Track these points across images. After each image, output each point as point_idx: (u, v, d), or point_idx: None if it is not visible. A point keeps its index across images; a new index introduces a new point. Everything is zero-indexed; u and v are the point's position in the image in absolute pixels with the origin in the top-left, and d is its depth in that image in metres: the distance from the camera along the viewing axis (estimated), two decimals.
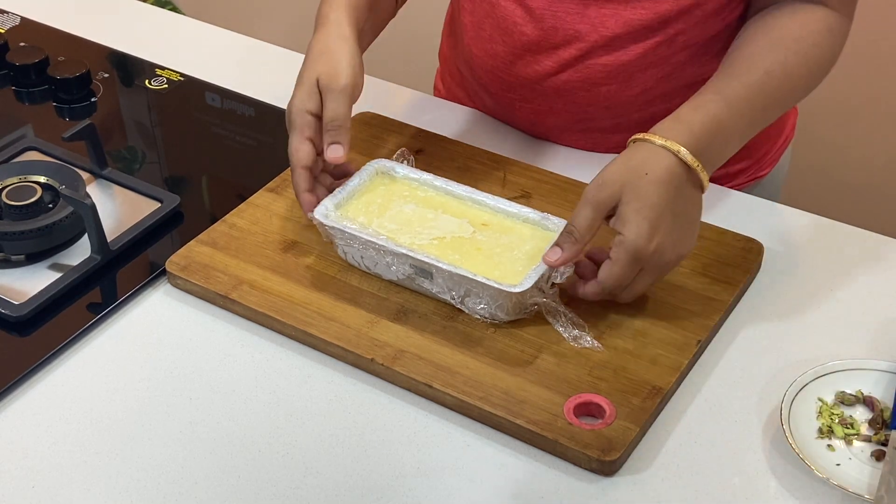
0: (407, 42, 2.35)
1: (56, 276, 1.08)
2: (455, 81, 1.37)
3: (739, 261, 1.08)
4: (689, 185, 1.00)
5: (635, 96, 1.19)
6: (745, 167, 1.30)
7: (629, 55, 1.16)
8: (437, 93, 1.43)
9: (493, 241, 1.05)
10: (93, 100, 1.36)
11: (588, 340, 0.99)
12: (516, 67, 1.21)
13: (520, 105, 1.24)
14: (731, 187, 1.28)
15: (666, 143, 0.99)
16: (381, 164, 1.12)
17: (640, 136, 1.00)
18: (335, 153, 1.06)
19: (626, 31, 1.15)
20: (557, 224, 1.05)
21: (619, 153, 1.02)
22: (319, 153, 1.08)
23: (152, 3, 1.98)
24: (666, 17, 1.14)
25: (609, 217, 0.99)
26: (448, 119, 1.32)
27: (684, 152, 0.98)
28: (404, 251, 1.01)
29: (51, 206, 1.14)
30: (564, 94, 1.20)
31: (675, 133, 1.00)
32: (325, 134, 1.06)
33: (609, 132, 1.23)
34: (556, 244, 0.99)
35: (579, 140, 1.25)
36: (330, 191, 1.09)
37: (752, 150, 1.28)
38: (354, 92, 1.08)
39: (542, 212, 1.07)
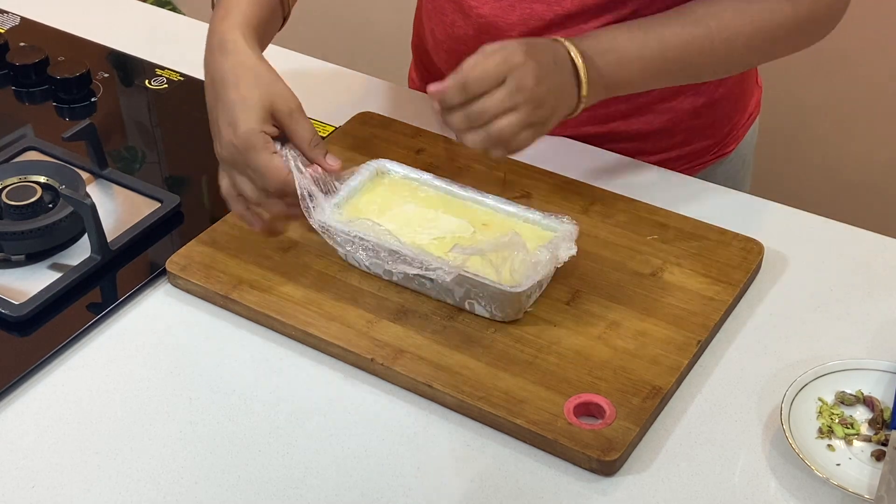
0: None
1: (56, 276, 1.08)
2: (427, 70, 1.38)
3: (739, 261, 1.08)
4: (570, 71, 1.06)
5: None
6: (709, 145, 1.32)
7: (586, 32, 1.16)
8: (412, 83, 1.44)
9: None
10: (93, 100, 1.36)
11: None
12: (477, 48, 1.22)
13: None
14: (699, 164, 1.32)
15: (571, 49, 1.07)
16: (381, 164, 1.12)
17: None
18: (336, 162, 1.05)
19: (581, 10, 1.16)
20: (557, 224, 1.05)
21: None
22: None
23: (152, 3, 1.98)
24: None
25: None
26: None
27: (581, 64, 1.06)
28: (408, 252, 1.01)
29: (51, 206, 1.14)
30: None
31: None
32: (312, 150, 1.04)
33: None
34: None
35: None
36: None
37: (716, 128, 1.31)
38: None
39: (542, 212, 1.07)
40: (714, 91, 1.26)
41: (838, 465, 0.90)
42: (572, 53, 1.06)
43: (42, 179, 1.16)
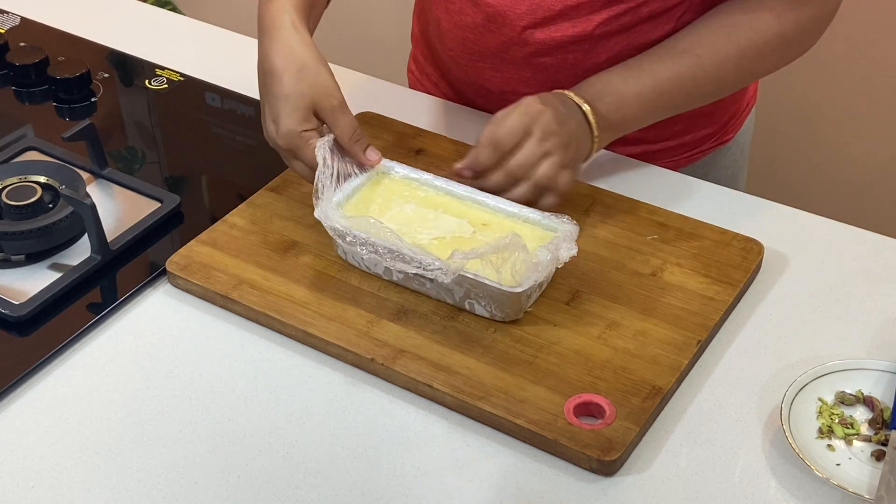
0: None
1: (56, 276, 1.08)
2: (427, 60, 1.39)
3: (739, 261, 1.08)
4: (580, 115, 1.12)
5: (601, 63, 1.20)
6: (710, 132, 1.34)
7: (593, 23, 1.17)
8: (411, 75, 1.45)
9: None
10: (93, 100, 1.36)
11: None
12: (485, 37, 1.23)
13: (490, 75, 1.26)
14: (699, 153, 1.34)
15: (573, 97, 1.13)
16: (381, 163, 1.12)
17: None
18: (376, 155, 1.10)
19: (590, 0, 1.16)
20: (558, 223, 1.05)
21: None
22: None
23: (152, 3, 1.98)
24: None
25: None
26: (448, 119, 1.32)
27: (587, 108, 1.12)
28: (407, 251, 1.01)
29: (51, 206, 1.14)
30: (532, 60, 1.22)
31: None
32: (353, 145, 1.09)
33: None
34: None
35: None
36: None
37: (716, 117, 1.33)
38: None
39: (543, 212, 1.07)
40: None
41: (838, 465, 0.90)
42: (577, 100, 1.12)
43: (42, 179, 1.16)
